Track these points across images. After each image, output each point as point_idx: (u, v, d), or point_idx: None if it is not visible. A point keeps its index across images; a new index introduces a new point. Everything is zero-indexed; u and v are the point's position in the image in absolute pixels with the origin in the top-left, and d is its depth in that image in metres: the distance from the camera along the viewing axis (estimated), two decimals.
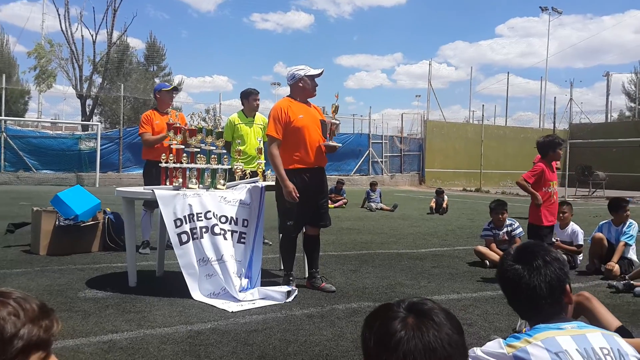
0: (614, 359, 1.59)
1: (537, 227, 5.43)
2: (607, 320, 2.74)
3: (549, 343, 1.58)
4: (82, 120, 29.58)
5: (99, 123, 26.43)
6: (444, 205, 13.38)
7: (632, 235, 5.97)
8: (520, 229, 6.58)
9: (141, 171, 7.01)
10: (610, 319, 2.76)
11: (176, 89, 7.31)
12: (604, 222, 6.36)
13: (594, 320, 2.64)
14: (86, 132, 23.72)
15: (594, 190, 23.86)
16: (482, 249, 6.43)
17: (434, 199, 13.60)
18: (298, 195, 4.65)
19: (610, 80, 38.23)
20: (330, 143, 4.89)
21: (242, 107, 7.13)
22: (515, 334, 1.71)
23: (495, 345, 1.70)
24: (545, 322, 1.67)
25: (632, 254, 6.00)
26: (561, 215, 6.35)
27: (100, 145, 22.02)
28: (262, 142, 6.32)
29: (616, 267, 5.70)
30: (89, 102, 31.68)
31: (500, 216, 6.63)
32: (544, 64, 41.45)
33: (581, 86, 53.20)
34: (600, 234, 6.15)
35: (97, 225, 6.57)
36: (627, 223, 6.05)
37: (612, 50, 76.39)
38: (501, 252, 6.34)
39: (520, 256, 1.78)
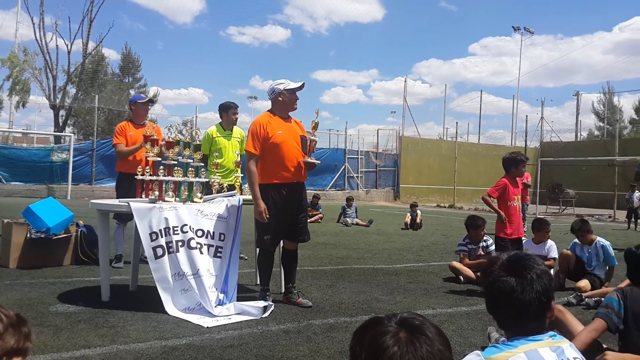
0: None
1: (502, 239, 5.76)
2: (578, 331, 2.79)
3: (532, 355, 1.59)
4: (54, 131, 29.09)
5: (72, 134, 26.04)
6: (418, 220, 13.48)
7: (614, 256, 6.05)
8: (494, 245, 6.67)
9: (114, 184, 6.91)
10: (580, 330, 2.83)
11: (152, 102, 7.26)
12: (575, 241, 6.47)
13: (566, 333, 2.69)
14: (59, 145, 23.32)
15: (564, 207, 24.34)
16: (457, 264, 6.49)
17: (408, 214, 13.70)
18: (269, 216, 4.65)
19: (580, 100, 39.29)
20: (309, 160, 4.90)
21: (220, 120, 7.11)
22: (496, 344, 1.71)
23: (474, 358, 1.67)
24: (525, 336, 1.67)
25: (601, 272, 6.08)
26: (547, 233, 6.53)
27: (73, 157, 21.68)
28: (239, 156, 6.31)
29: (584, 283, 5.80)
30: (62, 112, 31.24)
31: (480, 231, 6.69)
32: (516, 82, 42.35)
33: (552, 105, 54.61)
34: (568, 251, 6.29)
35: (70, 238, 6.45)
36: (600, 245, 6.11)
37: (582, 71, 78.51)
38: (474, 265, 6.42)
39: (513, 267, 1.73)
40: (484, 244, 6.73)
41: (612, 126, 39.66)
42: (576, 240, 6.40)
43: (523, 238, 6.39)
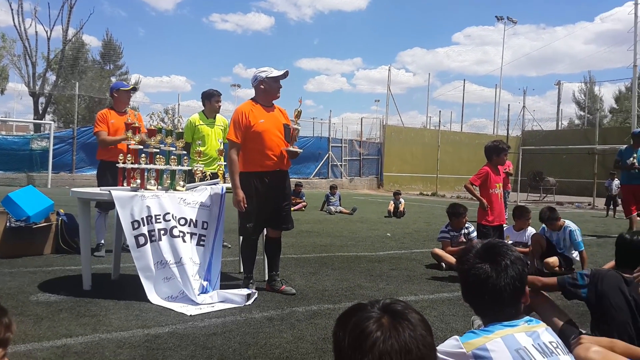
0: (562, 351, 1.68)
1: (484, 226, 5.87)
2: (555, 315, 2.84)
3: (508, 340, 1.62)
4: (34, 119, 28.64)
5: (52, 122, 25.66)
6: (401, 208, 13.56)
7: (580, 242, 6.23)
8: (475, 232, 6.74)
9: (95, 172, 6.82)
10: (558, 314, 2.87)
11: (135, 89, 7.18)
12: (544, 226, 6.62)
13: (545, 317, 2.74)
14: (39, 133, 22.98)
15: (544, 195, 24.64)
16: (439, 251, 6.55)
17: (392, 202, 13.77)
18: (246, 205, 4.65)
19: (562, 89, 39.63)
20: (291, 149, 4.88)
21: (203, 108, 7.06)
22: (473, 330, 1.74)
23: (452, 343, 1.69)
24: (501, 321, 1.70)
25: (570, 253, 6.27)
26: (527, 220, 6.76)
27: (53, 145, 21.37)
28: (222, 144, 6.28)
29: (553, 259, 5.94)
30: (41, 100, 30.77)
31: (462, 219, 6.77)
32: (499, 72, 42.58)
33: (534, 94, 54.83)
34: (538, 234, 6.43)
35: (50, 227, 6.38)
36: (569, 230, 6.27)
37: (564, 60, 79.25)
38: (456, 251, 6.50)
39: (487, 255, 1.77)
40: (466, 231, 6.81)
41: (593, 115, 40.16)
42: (542, 227, 6.57)
43: (505, 225, 6.48)
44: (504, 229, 6.51)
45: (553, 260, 6.06)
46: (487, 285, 1.72)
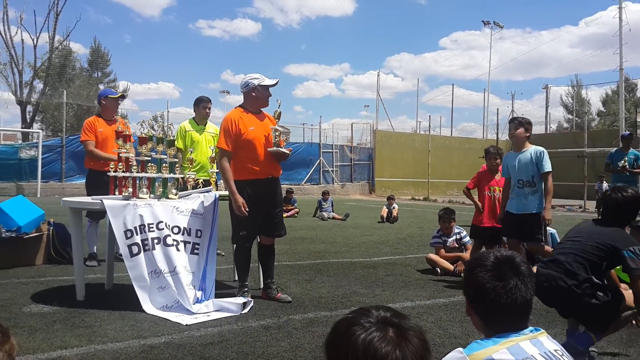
0: (568, 358, 1.66)
1: (474, 225, 6.05)
2: None
3: (515, 350, 1.59)
4: (22, 128, 28.40)
5: (40, 130, 25.45)
6: (395, 214, 13.56)
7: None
8: (468, 237, 6.75)
9: (84, 181, 6.75)
10: None
11: (123, 96, 7.14)
12: None
13: None
14: (27, 142, 22.78)
15: None
16: (434, 256, 6.55)
17: (385, 208, 13.77)
18: (247, 209, 4.62)
19: (549, 93, 39.96)
20: (281, 149, 4.84)
21: (194, 115, 7.04)
22: (477, 340, 1.71)
23: (456, 356, 1.63)
24: (508, 332, 1.67)
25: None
26: None
27: (42, 154, 21.20)
28: (214, 151, 6.24)
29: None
30: (29, 108, 30.52)
31: (448, 224, 6.80)
32: (487, 76, 42.89)
33: (522, 98, 55.44)
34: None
35: (41, 236, 6.30)
36: (549, 234, 6.30)
37: (550, 64, 79.87)
38: (451, 257, 6.51)
39: (499, 268, 1.72)
40: (457, 236, 6.82)
41: (581, 118, 40.53)
42: None
43: None
44: None
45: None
46: (498, 302, 1.68)
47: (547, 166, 5.22)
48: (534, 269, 5.67)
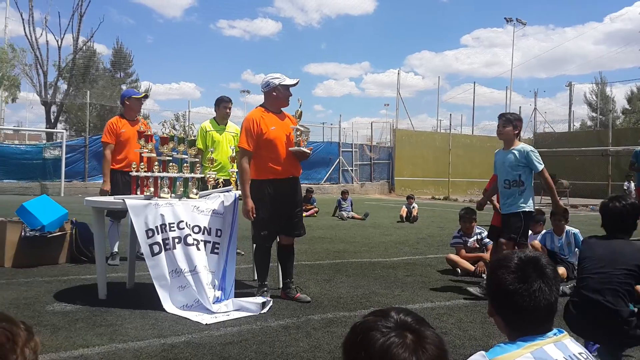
0: None
1: (496, 228, 5.79)
2: None
3: (539, 354, 1.56)
4: (46, 128, 28.88)
5: (64, 130, 25.86)
6: (414, 213, 13.48)
7: None
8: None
9: None
10: None
11: (146, 96, 7.22)
12: (546, 231, 6.53)
13: None
14: (51, 142, 23.15)
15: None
16: (454, 257, 6.49)
17: (404, 207, 13.69)
18: (255, 215, 4.64)
19: (573, 91, 39.27)
20: (302, 149, 4.84)
21: (215, 115, 7.09)
22: (500, 344, 1.67)
23: (478, 359, 1.62)
24: (533, 335, 1.64)
25: (574, 259, 6.12)
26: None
27: (66, 154, 21.52)
28: (234, 151, 6.28)
29: (562, 270, 5.83)
30: (53, 109, 30.97)
31: (469, 224, 6.74)
32: (509, 74, 42.31)
33: (544, 96, 54.73)
34: (536, 242, 6.33)
35: (65, 236, 6.40)
36: (572, 233, 6.20)
37: (574, 61, 78.59)
38: (471, 257, 6.45)
39: (525, 270, 1.67)
40: (478, 236, 6.76)
41: (605, 116, 39.80)
42: (547, 230, 6.47)
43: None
44: (537, 235, 6.49)
45: (562, 272, 5.84)
46: (521, 303, 1.64)
47: (539, 165, 5.04)
48: (561, 269, 5.67)
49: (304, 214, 6.17)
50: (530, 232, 6.77)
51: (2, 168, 20.94)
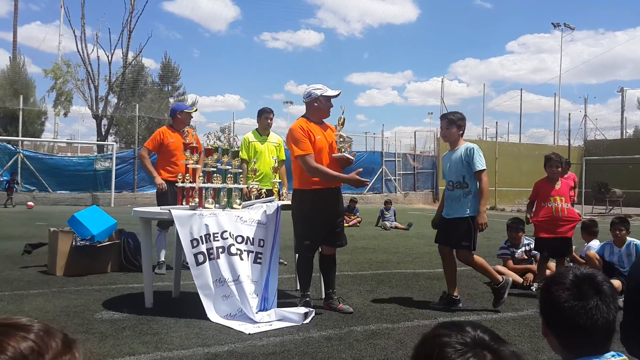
0: None
1: (538, 239, 5.86)
2: None
3: None
4: (97, 140, 29.87)
5: (114, 143, 26.66)
6: None
7: None
8: None
9: (155, 190, 7.03)
10: None
11: (196, 110, 7.42)
12: (605, 242, 6.23)
13: None
14: (102, 154, 23.91)
15: (610, 207, 23.55)
16: (501, 268, 6.33)
17: None
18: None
19: (625, 96, 37.97)
20: (345, 154, 4.83)
21: (257, 126, 7.18)
22: None
23: None
24: (589, 356, 1.56)
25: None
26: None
27: (116, 165, 22.20)
28: (276, 161, 6.33)
29: (617, 283, 5.54)
30: (104, 122, 32.00)
31: (516, 234, 6.57)
32: (557, 80, 41.31)
33: (595, 102, 52.71)
34: (592, 252, 6.07)
35: (113, 245, 6.57)
36: (634, 244, 5.88)
37: (626, 66, 75.92)
38: (520, 269, 6.27)
39: (581, 288, 1.60)
40: (527, 247, 6.58)
41: None
42: (606, 241, 6.17)
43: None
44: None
45: (617, 285, 5.54)
46: (577, 321, 1.56)
47: (479, 164, 4.85)
48: (616, 283, 5.40)
49: (346, 224, 6.14)
50: (585, 243, 6.55)
51: (55, 179, 21.77)
